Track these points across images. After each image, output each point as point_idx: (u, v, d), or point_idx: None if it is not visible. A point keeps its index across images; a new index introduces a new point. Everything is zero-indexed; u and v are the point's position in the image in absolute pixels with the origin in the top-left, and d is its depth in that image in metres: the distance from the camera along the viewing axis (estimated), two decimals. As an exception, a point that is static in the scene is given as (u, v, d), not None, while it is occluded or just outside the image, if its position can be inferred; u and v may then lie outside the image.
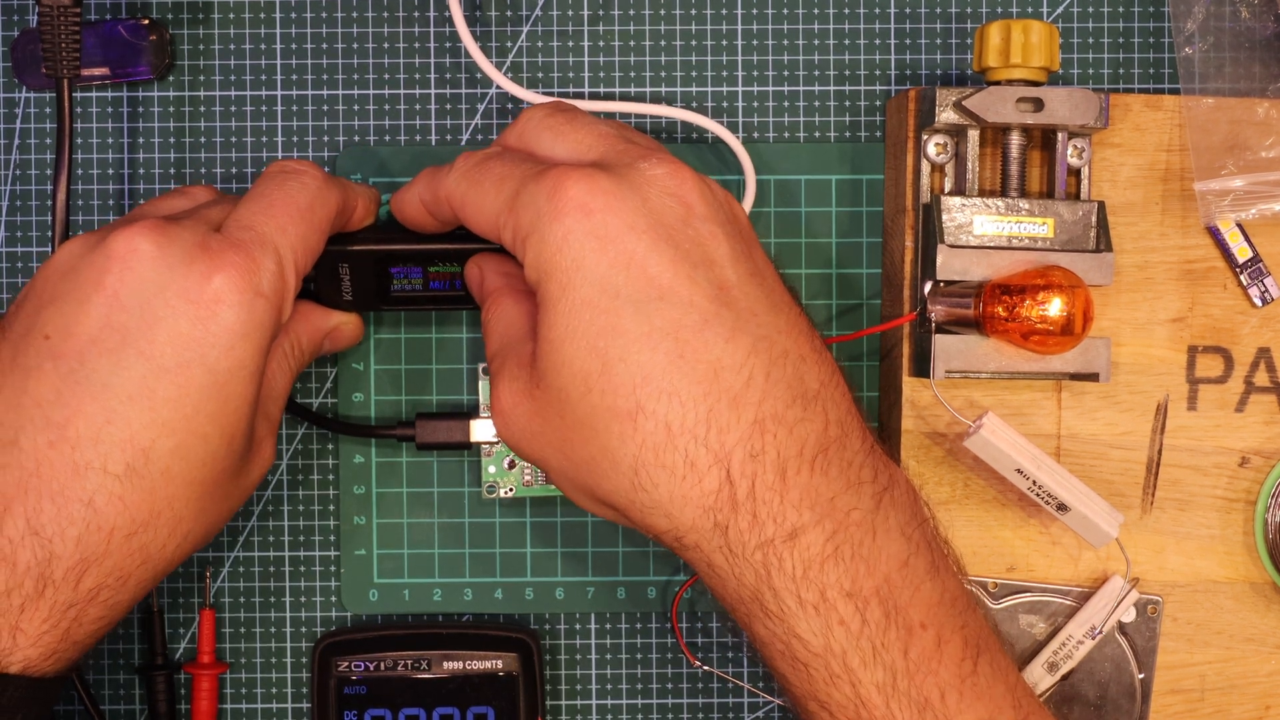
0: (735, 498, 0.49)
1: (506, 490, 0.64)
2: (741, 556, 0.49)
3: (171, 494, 0.52)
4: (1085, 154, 0.61)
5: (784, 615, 0.49)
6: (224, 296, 0.51)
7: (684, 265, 0.50)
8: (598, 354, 0.49)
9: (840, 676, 0.49)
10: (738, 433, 0.49)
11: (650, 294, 0.49)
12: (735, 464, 0.49)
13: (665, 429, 0.49)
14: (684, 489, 0.49)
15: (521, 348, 0.53)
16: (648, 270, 0.49)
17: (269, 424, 0.57)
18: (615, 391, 0.49)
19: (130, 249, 0.51)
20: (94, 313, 0.51)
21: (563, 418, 0.51)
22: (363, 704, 0.62)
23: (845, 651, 0.49)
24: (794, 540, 0.49)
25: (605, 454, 0.50)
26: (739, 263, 0.51)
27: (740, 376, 0.49)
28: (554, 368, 0.50)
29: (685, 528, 0.50)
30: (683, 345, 0.49)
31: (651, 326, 0.49)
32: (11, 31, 0.64)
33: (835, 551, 0.49)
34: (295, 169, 0.55)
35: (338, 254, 0.58)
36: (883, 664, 0.49)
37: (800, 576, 0.49)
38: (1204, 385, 0.63)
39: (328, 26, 0.65)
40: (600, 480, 0.51)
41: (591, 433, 0.50)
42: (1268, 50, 0.63)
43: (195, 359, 0.51)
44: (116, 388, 0.51)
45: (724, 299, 0.50)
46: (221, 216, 0.55)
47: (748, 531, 0.49)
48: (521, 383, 0.52)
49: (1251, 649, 0.63)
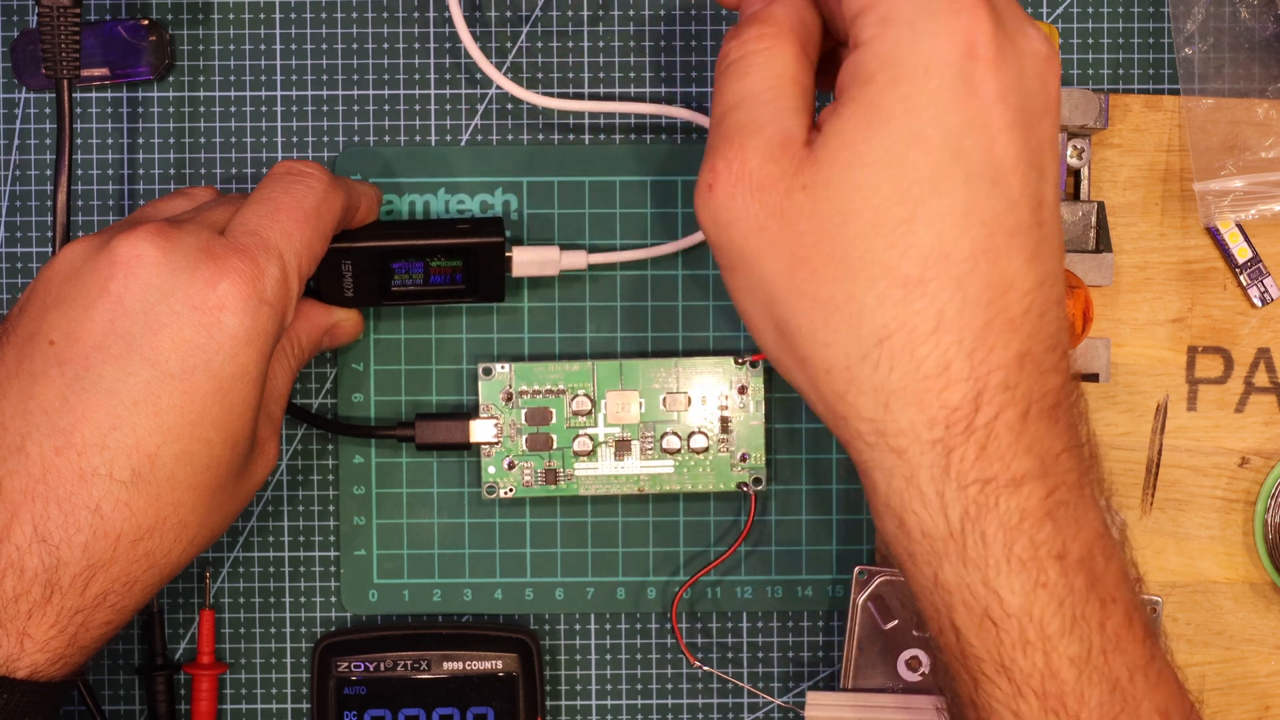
0: (973, 423, 0.44)
1: (506, 490, 0.64)
2: (958, 486, 0.44)
3: (177, 499, 0.52)
4: (1085, 154, 0.61)
5: (986, 565, 0.44)
6: (228, 303, 0.51)
7: (1025, 160, 0.44)
8: (909, 203, 0.43)
9: (1034, 643, 0.45)
10: (1003, 357, 0.44)
11: (987, 173, 0.43)
12: (990, 388, 0.44)
13: (937, 317, 0.43)
14: (923, 388, 0.44)
15: (787, 119, 0.45)
16: (995, 147, 0.44)
17: (272, 425, 0.57)
18: (906, 251, 0.43)
19: (134, 254, 0.51)
20: (99, 318, 0.51)
21: (819, 238, 0.44)
22: (363, 704, 0.62)
23: (1045, 617, 0.45)
24: (1017, 487, 0.44)
25: (850, 304, 0.44)
26: (1057, 186, 0.46)
27: (1024, 302, 0.44)
28: (846, 183, 0.43)
29: (900, 428, 0.44)
30: (992, 244, 0.44)
31: (973, 208, 0.43)
32: (11, 32, 0.64)
33: (1052, 510, 0.45)
34: (301, 171, 0.55)
35: (340, 250, 0.59)
36: (1080, 636, 0.45)
37: (1015, 526, 0.44)
38: (1204, 385, 0.63)
39: (328, 26, 0.65)
40: (819, 325, 0.45)
41: (848, 274, 0.44)
42: (1268, 50, 0.63)
43: (200, 365, 0.51)
44: (122, 394, 0.51)
45: (1040, 217, 0.45)
46: (225, 218, 0.55)
47: (972, 463, 0.44)
48: (777, 161, 0.45)
49: (1251, 649, 0.63)
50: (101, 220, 0.65)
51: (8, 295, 0.65)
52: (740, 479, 0.64)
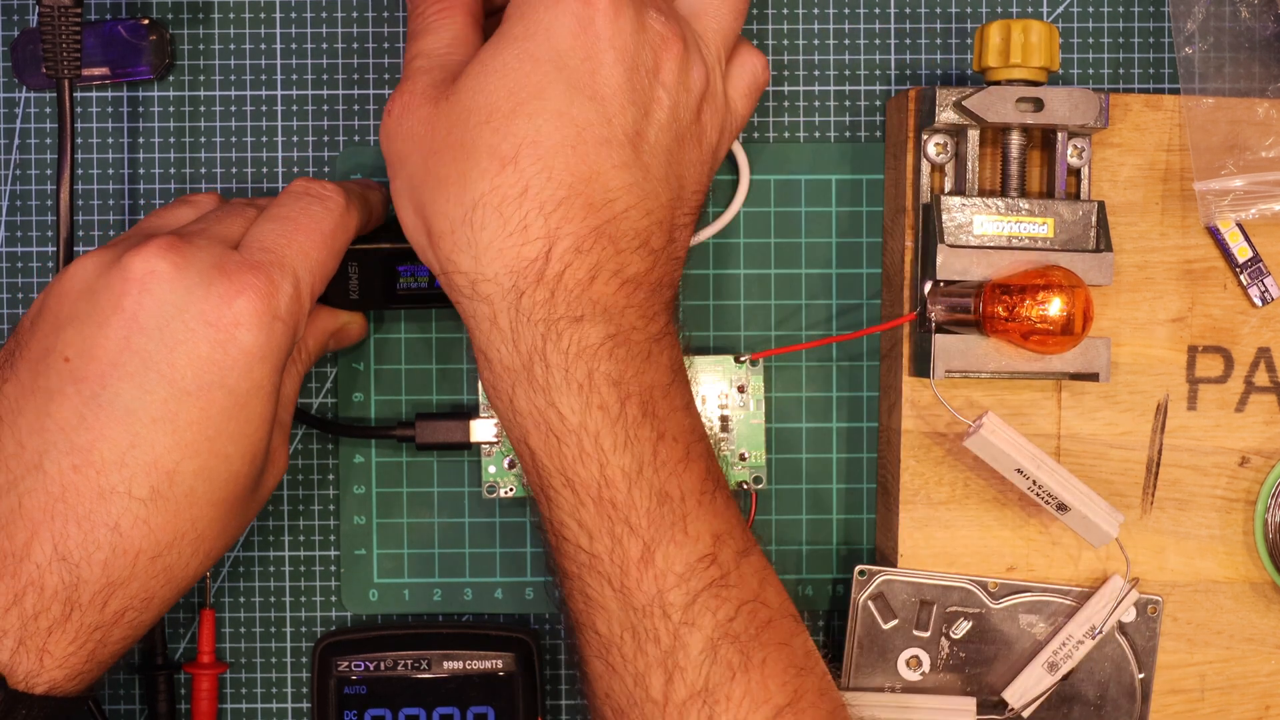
0: (544, 273, 0.51)
1: (506, 490, 0.64)
2: (527, 321, 0.52)
3: (195, 515, 0.52)
4: (1085, 154, 0.61)
5: (549, 387, 0.52)
6: (243, 320, 0.52)
7: (626, 96, 0.53)
8: (513, 99, 0.52)
9: (590, 455, 0.52)
10: (577, 227, 0.52)
11: (587, 90, 0.52)
12: (560, 247, 0.51)
13: (522, 188, 0.51)
14: (505, 243, 0.52)
15: (453, 64, 0.55)
16: (599, 74, 0.52)
17: (282, 432, 0.57)
18: (506, 135, 0.52)
19: (148, 270, 0.51)
20: (114, 335, 0.51)
21: (449, 133, 0.53)
22: (363, 704, 0.62)
23: (600, 432, 0.52)
24: (578, 324, 0.52)
25: (460, 178, 0.52)
26: (663, 134, 0.54)
27: (606, 196, 0.52)
28: (472, 89, 0.53)
29: (486, 276, 0.52)
30: (580, 142, 0.52)
31: (569, 111, 0.52)
32: (12, 31, 0.64)
33: (612, 350, 0.52)
34: (321, 193, 0.56)
35: (347, 254, 0.59)
36: (632, 453, 0.52)
37: (574, 354, 0.52)
38: (1204, 385, 0.63)
39: (328, 26, 0.65)
40: (439, 197, 0.53)
41: (462, 156, 0.52)
42: (1268, 50, 0.63)
43: (216, 381, 0.51)
44: (140, 412, 0.51)
45: (635, 142, 0.53)
46: (235, 230, 0.55)
47: (541, 305, 0.52)
48: (436, 89, 0.54)
49: (1251, 649, 0.63)
50: (102, 220, 0.65)
51: (8, 295, 0.65)
52: (740, 478, 0.64)
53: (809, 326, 0.65)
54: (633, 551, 0.52)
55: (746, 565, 0.53)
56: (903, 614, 0.61)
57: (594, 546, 0.52)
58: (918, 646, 0.62)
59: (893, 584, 0.61)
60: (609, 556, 0.52)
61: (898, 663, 0.62)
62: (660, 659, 0.51)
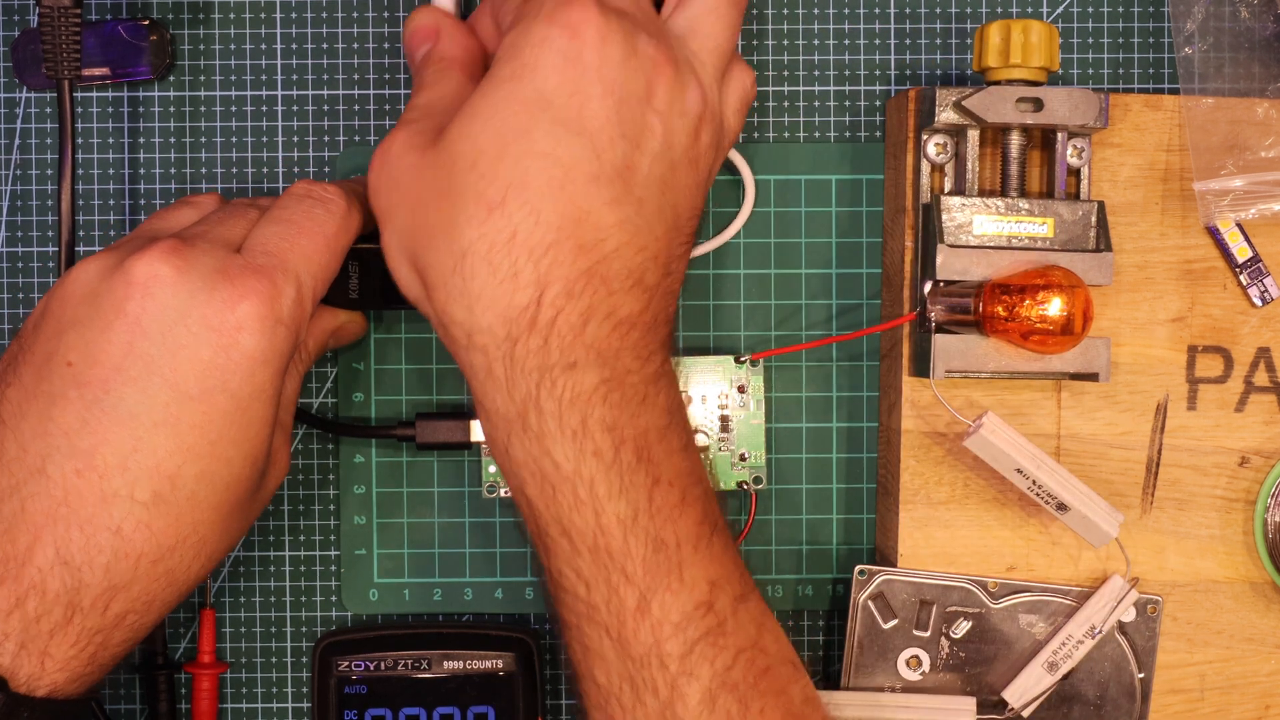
0: (537, 320, 0.51)
1: (506, 490, 0.64)
2: (521, 370, 0.51)
3: (197, 518, 0.52)
4: (1085, 154, 0.61)
5: (543, 435, 0.51)
6: (246, 324, 0.51)
7: (615, 129, 0.52)
8: (499, 142, 0.51)
9: (585, 503, 0.51)
10: (568, 271, 0.51)
11: (573, 127, 0.51)
12: (551, 292, 0.51)
13: (510, 234, 0.51)
14: (496, 291, 0.51)
15: (445, 116, 0.54)
16: (585, 109, 0.51)
17: (284, 434, 0.57)
18: (492, 180, 0.51)
19: (151, 274, 0.51)
20: (117, 340, 0.51)
21: (435, 181, 0.52)
22: (363, 704, 0.62)
23: (594, 479, 0.51)
24: (571, 370, 0.51)
25: (448, 227, 0.51)
26: (656, 164, 0.53)
27: (597, 235, 0.51)
28: (459, 136, 0.52)
29: (480, 327, 0.51)
30: (568, 182, 0.51)
31: (555, 151, 0.51)
32: (12, 31, 0.64)
33: (606, 395, 0.51)
34: (323, 196, 0.56)
35: (348, 254, 0.59)
36: (627, 499, 0.51)
37: (567, 401, 0.51)
38: (1204, 385, 0.63)
39: (328, 26, 0.65)
40: (429, 249, 0.52)
41: (450, 203, 0.51)
42: (1268, 50, 0.63)
43: (218, 386, 0.51)
44: (142, 416, 0.51)
45: (626, 176, 0.52)
46: (237, 233, 0.55)
47: (534, 352, 0.51)
48: (424, 139, 0.53)
49: (1251, 649, 0.63)
50: (102, 220, 0.65)
51: (8, 295, 0.65)
52: (740, 478, 0.64)
53: (809, 326, 0.65)
54: (629, 601, 0.51)
55: (744, 611, 0.52)
56: (903, 614, 0.62)
57: (591, 596, 0.51)
58: (918, 646, 0.62)
59: (893, 584, 0.61)
60: (606, 606, 0.51)
61: (898, 662, 0.62)
62: (659, 711, 0.51)
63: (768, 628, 0.53)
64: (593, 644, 0.52)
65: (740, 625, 0.52)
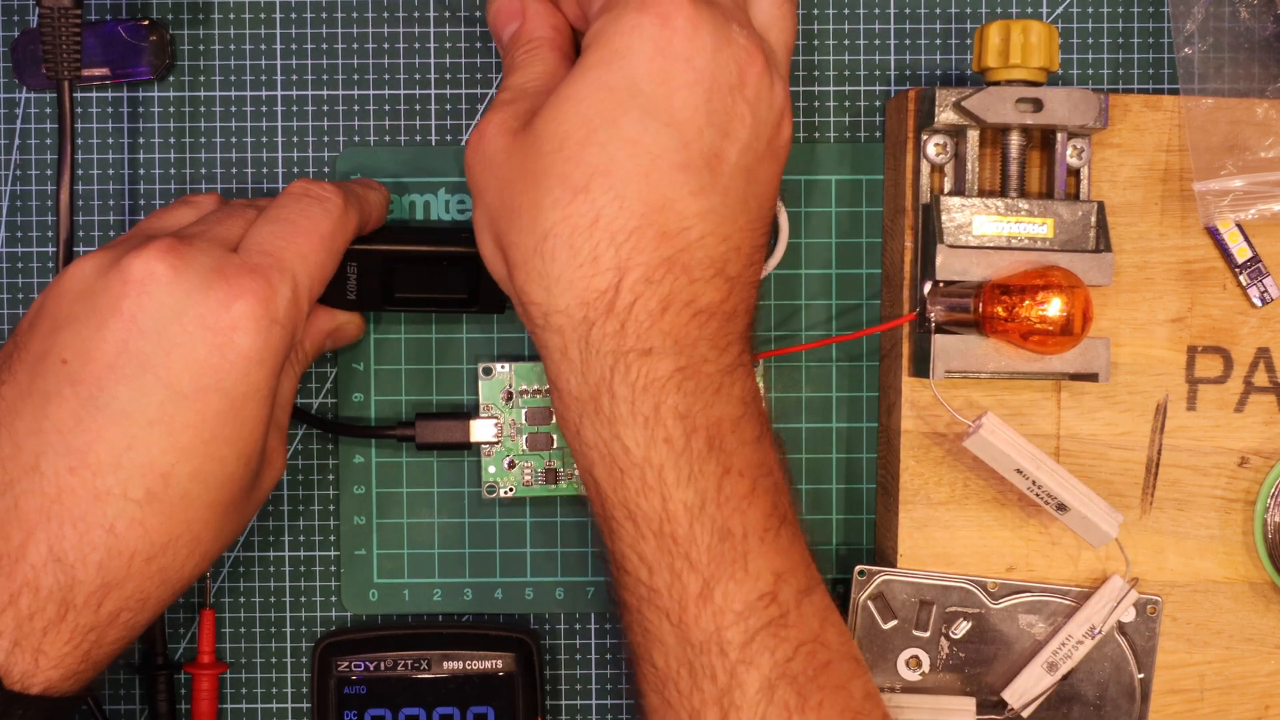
0: (614, 305, 0.51)
1: (506, 490, 0.64)
2: (596, 353, 0.51)
3: (190, 517, 0.52)
4: (1085, 154, 0.61)
5: (615, 419, 0.51)
6: (241, 323, 0.52)
7: (704, 118, 0.52)
8: (586, 127, 0.51)
9: (653, 488, 0.51)
10: (649, 257, 0.51)
11: (662, 116, 0.51)
12: (630, 278, 0.51)
13: (593, 219, 0.51)
14: (575, 274, 0.51)
15: (538, 99, 0.55)
16: (674, 98, 0.52)
17: (279, 433, 0.57)
18: (577, 164, 0.51)
19: (147, 272, 0.51)
20: (112, 337, 0.51)
21: (524, 163, 0.53)
22: (363, 704, 0.62)
23: (663, 465, 0.51)
24: (646, 356, 0.51)
25: (533, 208, 0.52)
26: (744, 155, 0.53)
27: (681, 223, 0.52)
28: (548, 118, 0.52)
29: (558, 308, 0.52)
30: (653, 170, 0.51)
31: (643, 138, 0.51)
32: (12, 32, 0.64)
33: (680, 383, 0.51)
34: (320, 195, 0.56)
35: (346, 254, 0.59)
36: (695, 487, 0.51)
37: (641, 387, 0.51)
38: (1203, 385, 0.63)
39: (328, 26, 0.65)
40: (513, 228, 0.53)
41: (535, 185, 0.52)
42: (1267, 50, 0.63)
43: (212, 385, 0.51)
44: (136, 414, 0.51)
45: (713, 165, 0.52)
46: (235, 233, 0.55)
47: (610, 336, 0.51)
48: (516, 121, 0.54)
49: (1251, 649, 0.63)
50: (102, 220, 0.65)
51: (8, 295, 0.65)
52: (740, 479, 0.64)
53: (809, 327, 0.65)
54: (692, 587, 0.51)
55: (808, 605, 0.52)
56: (902, 614, 0.62)
57: (653, 580, 0.52)
58: (917, 646, 0.62)
59: (892, 584, 0.61)
60: (668, 591, 0.51)
61: (897, 663, 0.62)
62: (716, 697, 0.51)
63: (831, 622, 0.53)
64: (653, 628, 0.52)
65: (803, 618, 0.52)
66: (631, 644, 0.53)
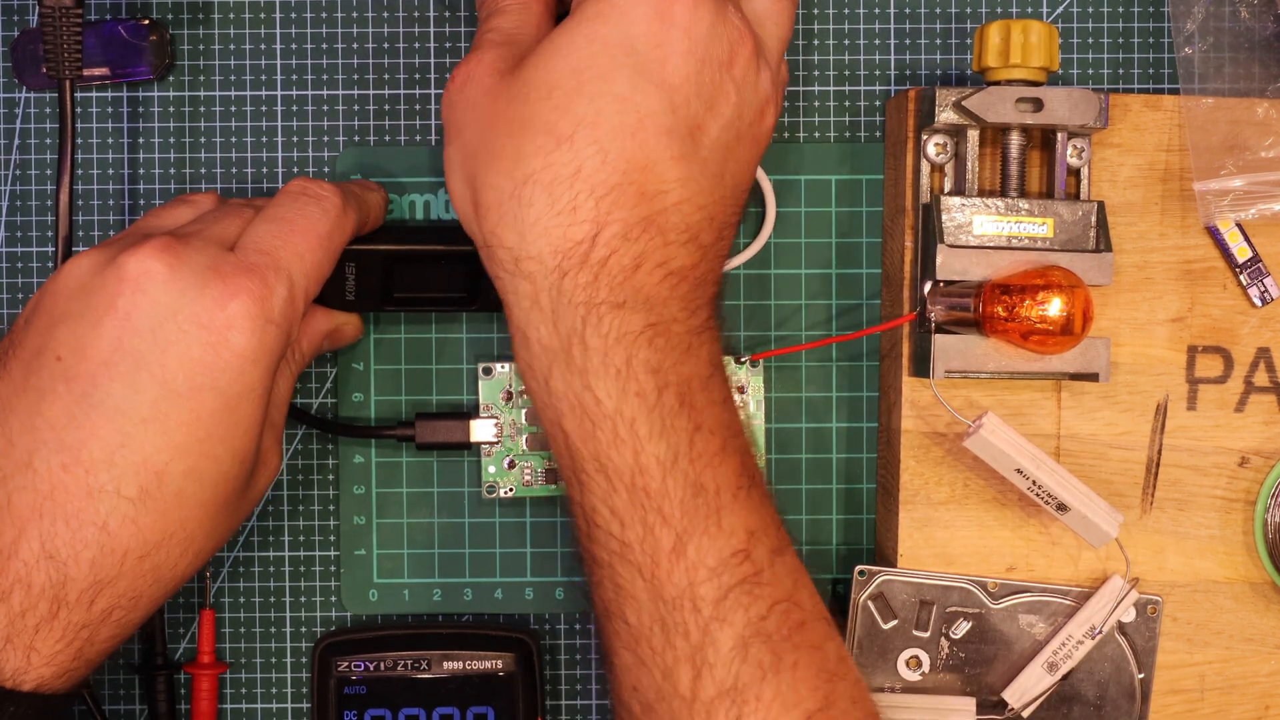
0: (589, 257, 0.51)
1: (506, 490, 0.64)
2: (568, 303, 0.51)
3: (184, 515, 0.52)
4: (1085, 154, 0.61)
5: (587, 370, 0.51)
6: (237, 322, 0.51)
7: (693, 88, 0.52)
8: (577, 78, 0.52)
9: (625, 441, 0.51)
10: (627, 215, 0.51)
11: (654, 78, 0.52)
12: (608, 233, 0.51)
13: (575, 169, 0.51)
14: (552, 222, 0.51)
15: (524, 42, 0.55)
16: (668, 63, 0.52)
17: (274, 433, 0.57)
18: (565, 113, 0.51)
19: (142, 270, 0.51)
20: (107, 335, 0.51)
21: (509, 107, 0.53)
22: (363, 704, 0.62)
23: (635, 418, 0.51)
24: (619, 310, 0.51)
25: (515, 153, 0.52)
26: (725, 132, 0.54)
27: (660, 185, 0.52)
28: (538, 64, 0.53)
29: (530, 254, 0.52)
30: (640, 129, 0.52)
31: (632, 97, 0.52)
32: (12, 31, 0.64)
33: (651, 339, 0.52)
34: (317, 194, 0.56)
35: (344, 254, 0.59)
36: (668, 441, 0.51)
37: (613, 340, 0.51)
38: (1204, 385, 0.63)
39: (328, 26, 0.65)
40: (490, 170, 0.52)
41: (519, 130, 0.52)
42: (1268, 50, 0.63)
43: (207, 383, 0.51)
44: (130, 412, 0.51)
45: (695, 135, 0.53)
46: (231, 232, 0.55)
47: (583, 287, 0.51)
48: (504, 64, 0.54)
49: (1251, 649, 0.63)
50: (101, 220, 0.65)
51: (7, 295, 0.65)
52: (740, 479, 0.64)
53: (809, 326, 0.65)
54: (664, 541, 0.51)
55: (780, 564, 0.52)
56: (902, 614, 0.62)
57: (625, 534, 0.51)
58: (917, 646, 0.62)
59: (892, 584, 0.61)
60: (640, 545, 0.51)
61: (897, 663, 0.62)
62: (689, 654, 0.50)
63: (803, 583, 0.53)
64: (625, 583, 0.52)
65: (777, 577, 0.52)
66: (602, 601, 0.53)
